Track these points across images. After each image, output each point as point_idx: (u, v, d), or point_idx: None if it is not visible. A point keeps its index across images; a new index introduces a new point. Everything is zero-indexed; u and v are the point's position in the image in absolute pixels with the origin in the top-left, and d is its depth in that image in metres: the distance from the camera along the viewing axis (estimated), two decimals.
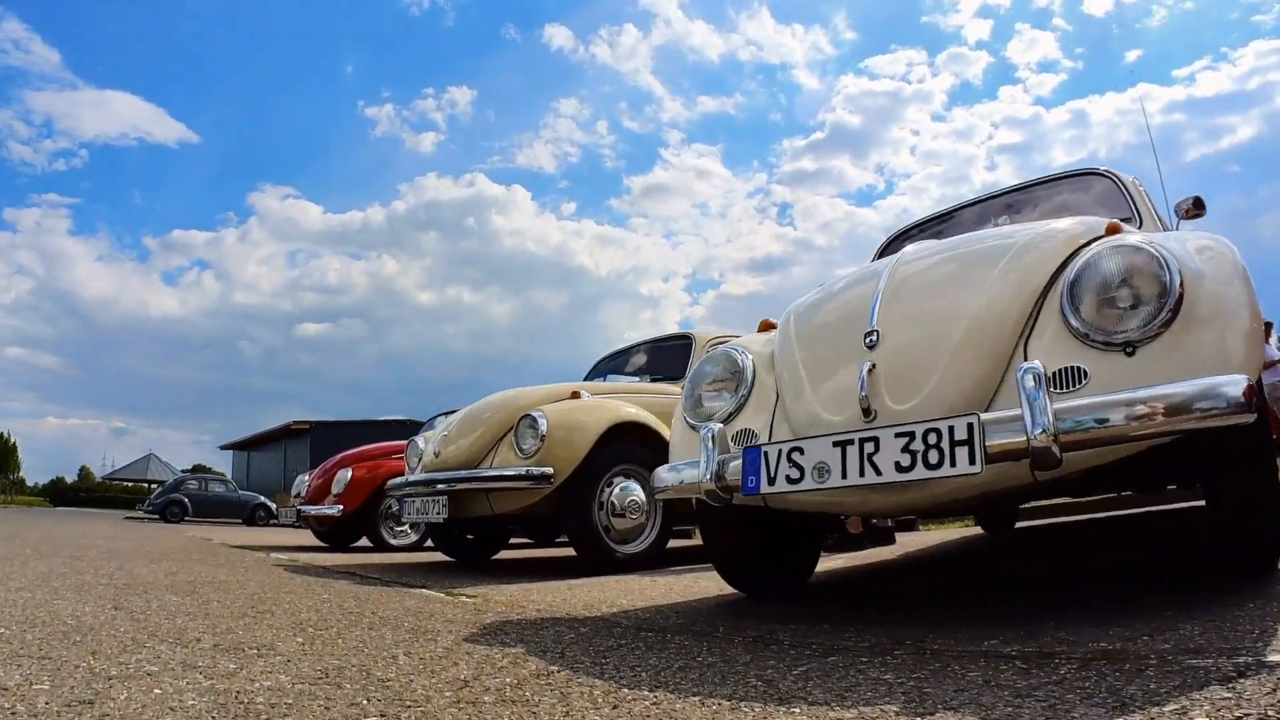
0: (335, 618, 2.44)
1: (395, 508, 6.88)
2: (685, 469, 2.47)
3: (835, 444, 1.98)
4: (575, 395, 4.65)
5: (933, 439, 1.83)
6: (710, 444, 2.31)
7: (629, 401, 4.68)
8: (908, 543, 6.20)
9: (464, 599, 3.13)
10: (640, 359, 5.98)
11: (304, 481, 7.69)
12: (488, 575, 4.30)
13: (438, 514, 4.41)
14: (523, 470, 4.15)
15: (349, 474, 6.72)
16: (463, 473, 4.41)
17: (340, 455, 7.45)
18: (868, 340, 2.15)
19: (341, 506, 6.60)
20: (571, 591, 3.39)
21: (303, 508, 6.84)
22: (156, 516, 20.45)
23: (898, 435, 1.89)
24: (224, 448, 52.21)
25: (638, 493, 4.45)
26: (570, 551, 5.77)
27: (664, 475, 2.60)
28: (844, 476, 1.95)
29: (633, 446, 4.47)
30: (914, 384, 2.03)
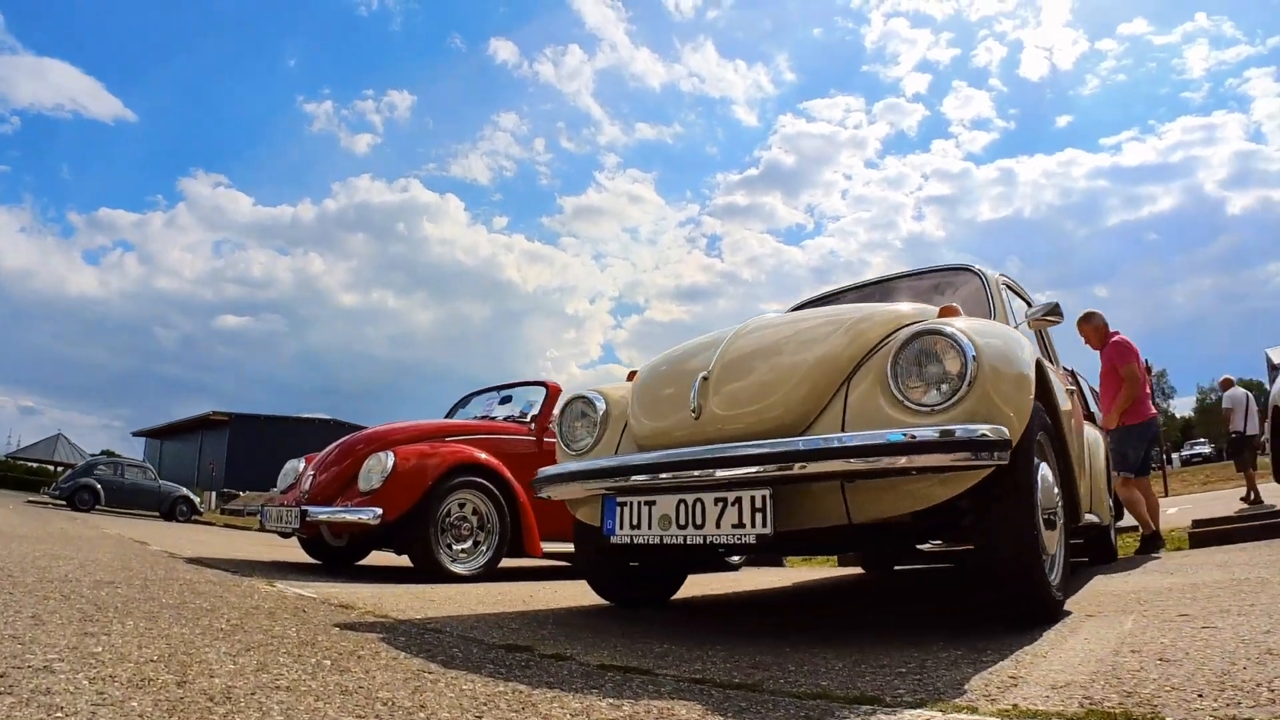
0: None
1: (453, 515, 4.26)
2: None
3: None
4: (950, 311, 2.36)
5: None
6: None
7: None
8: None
9: None
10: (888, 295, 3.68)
11: (297, 470, 4.96)
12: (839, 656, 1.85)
13: (743, 527, 2.08)
14: (953, 431, 1.90)
15: (390, 461, 4.08)
16: (817, 441, 2.04)
17: (351, 437, 4.78)
18: None
19: (380, 510, 3.95)
20: None
21: (312, 509, 4.15)
22: (64, 503, 16.52)
23: None
24: (137, 434, 46.75)
25: (1053, 485, 2.38)
26: (724, 583, 3.39)
27: None
28: None
29: (1039, 404, 2.30)
30: None
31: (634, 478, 2.38)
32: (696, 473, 2.20)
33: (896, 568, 6.05)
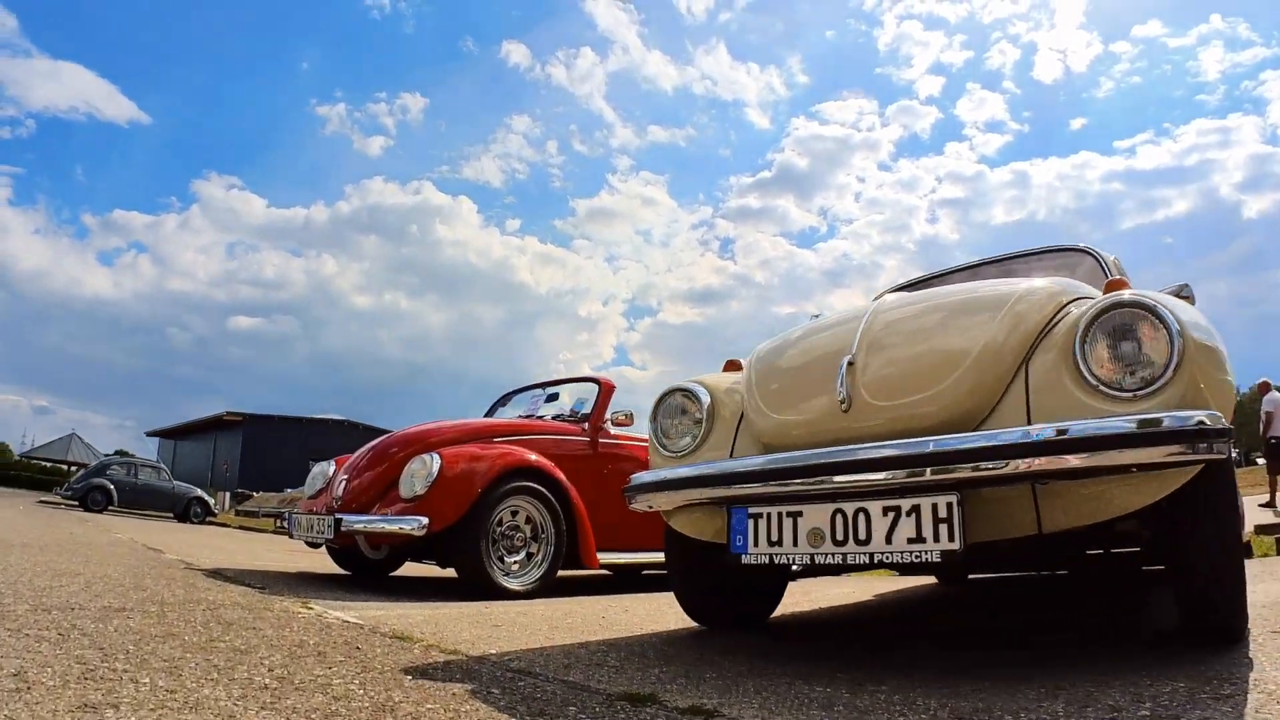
0: None
1: (505, 525, 3.76)
2: None
3: None
4: (1119, 285, 1.94)
5: None
6: None
7: None
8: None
9: None
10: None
11: (326, 474, 4.45)
12: None
13: (923, 542, 1.71)
14: (1160, 419, 1.53)
15: (435, 464, 3.58)
16: (1015, 434, 1.64)
17: (387, 437, 4.27)
18: None
19: (426, 519, 3.45)
20: None
21: (347, 518, 3.64)
22: (76, 503, 16.08)
23: None
24: (150, 434, 46.24)
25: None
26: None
27: None
28: None
29: None
30: None
31: (779, 483, 1.93)
32: (868, 475, 1.75)
33: (970, 576, 5.54)
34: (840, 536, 1.80)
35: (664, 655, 2.20)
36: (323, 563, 5.62)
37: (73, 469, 32.62)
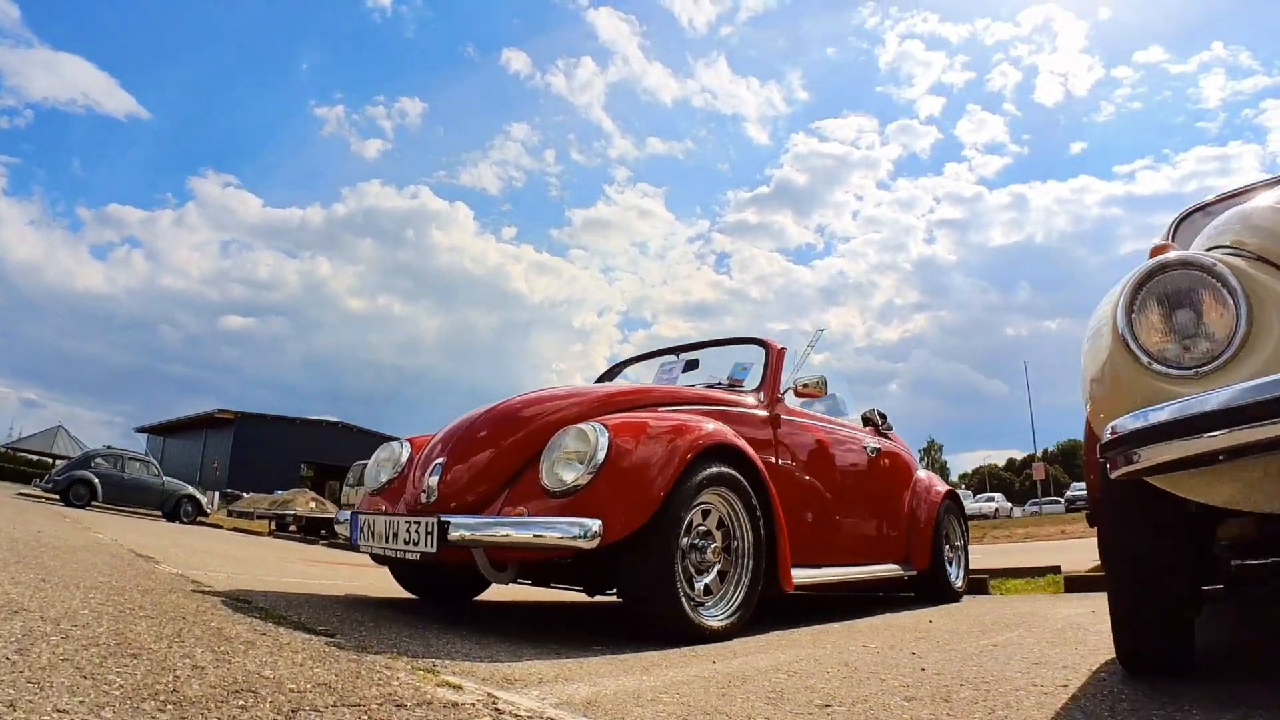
0: None
1: (696, 536, 2.39)
2: None
3: None
4: None
5: None
6: None
7: None
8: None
9: None
10: None
11: (399, 459, 2.98)
12: None
13: None
14: None
15: (602, 438, 2.20)
16: None
17: (499, 406, 2.75)
18: None
19: (598, 523, 2.07)
20: None
21: (457, 521, 2.25)
22: (56, 497, 14.38)
23: None
24: (140, 430, 44.02)
25: None
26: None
27: None
28: None
29: None
30: None
31: None
32: None
33: None
34: None
35: None
36: (371, 578, 4.22)
37: (57, 461, 30.60)
